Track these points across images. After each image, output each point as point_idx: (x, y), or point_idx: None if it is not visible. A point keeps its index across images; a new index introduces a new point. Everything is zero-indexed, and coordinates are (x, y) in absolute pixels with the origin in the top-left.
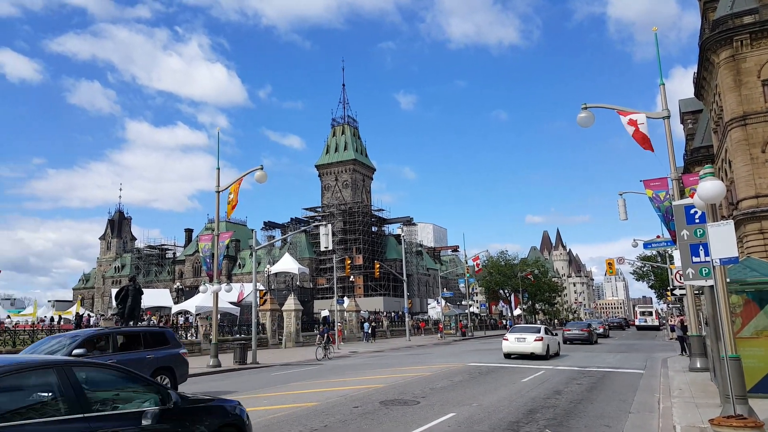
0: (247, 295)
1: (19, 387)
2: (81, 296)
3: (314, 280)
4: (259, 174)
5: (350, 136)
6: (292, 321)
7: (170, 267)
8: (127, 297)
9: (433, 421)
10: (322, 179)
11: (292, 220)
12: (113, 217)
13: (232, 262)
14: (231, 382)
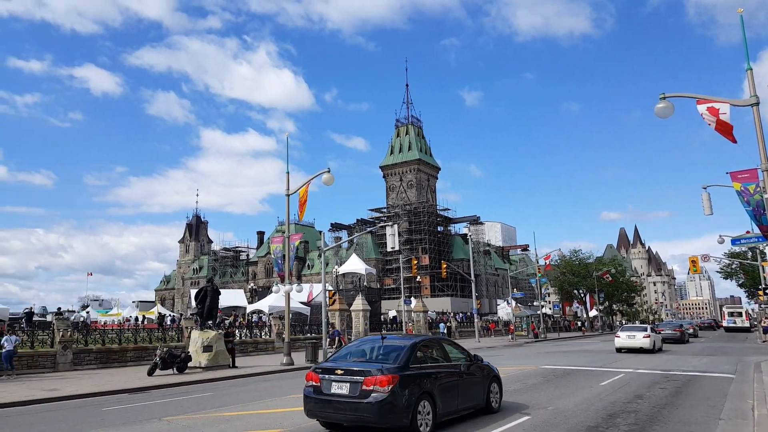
0: (317, 296)
1: (425, 348)
2: (162, 297)
3: (381, 280)
4: (326, 176)
5: (414, 135)
6: (360, 321)
7: (244, 268)
8: (206, 297)
9: (506, 424)
10: (387, 180)
11: (358, 221)
12: (191, 222)
13: (301, 263)
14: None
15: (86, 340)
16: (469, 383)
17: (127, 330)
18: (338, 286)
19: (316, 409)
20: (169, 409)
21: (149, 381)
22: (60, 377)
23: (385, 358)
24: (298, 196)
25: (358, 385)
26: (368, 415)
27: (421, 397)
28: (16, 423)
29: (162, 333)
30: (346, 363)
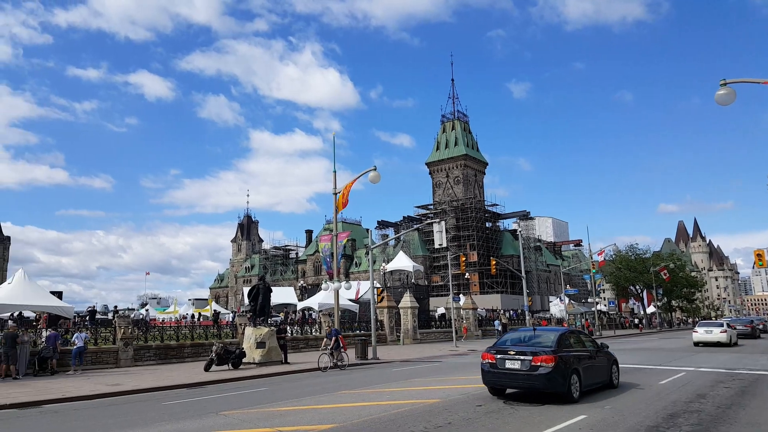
0: (365, 293)
1: (568, 337)
2: (216, 294)
3: (429, 277)
4: (372, 174)
5: (460, 131)
6: (408, 318)
7: (293, 266)
8: (258, 295)
9: (562, 422)
10: (433, 176)
11: (405, 219)
12: (242, 221)
13: (349, 261)
14: (356, 376)
15: (146, 337)
16: (599, 364)
17: (184, 327)
18: (386, 284)
19: (494, 379)
20: (226, 403)
21: (206, 376)
22: (122, 372)
23: (540, 344)
24: (342, 193)
25: (528, 362)
26: (538, 383)
27: (572, 371)
28: (85, 416)
29: (217, 330)
30: (515, 346)
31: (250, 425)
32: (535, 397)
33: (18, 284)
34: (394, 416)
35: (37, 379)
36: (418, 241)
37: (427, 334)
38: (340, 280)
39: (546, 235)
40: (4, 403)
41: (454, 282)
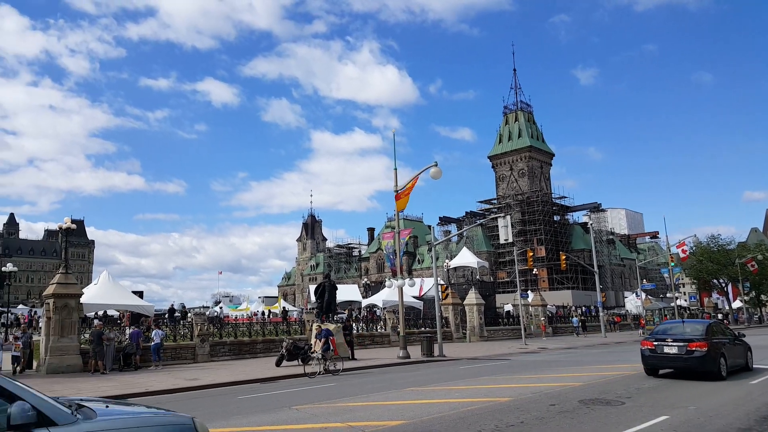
0: (428, 290)
1: (713, 327)
2: (284, 292)
3: (494, 273)
4: (434, 170)
5: (524, 122)
6: (474, 315)
7: (357, 264)
8: (324, 292)
9: (642, 423)
10: (496, 170)
11: (467, 214)
12: (306, 221)
13: (411, 258)
14: (422, 374)
15: (220, 334)
16: (738, 350)
17: (255, 324)
18: (450, 280)
19: (654, 361)
20: (297, 398)
21: (277, 371)
22: (199, 367)
23: (691, 333)
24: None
25: (684, 347)
26: (693, 364)
27: (720, 355)
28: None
29: (286, 326)
30: (670, 335)
31: (321, 420)
32: (613, 398)
33: (103, 285)
34: (464, 414)
35: (123, 374)
36: (481, 236)
37: (494, 332)
38: (404, 277)
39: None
40: (94, 396)
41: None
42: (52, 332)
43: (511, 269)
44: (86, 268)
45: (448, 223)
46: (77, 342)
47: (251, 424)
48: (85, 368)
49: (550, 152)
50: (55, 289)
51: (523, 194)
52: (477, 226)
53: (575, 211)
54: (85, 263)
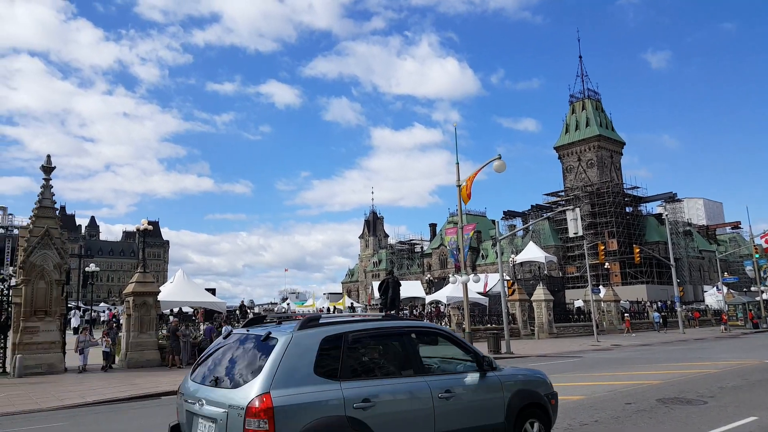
0: (494, 286)
1: None
2: (348, 289)
3: (563, 268)
4: (497, 164)
5: (592, 110)
6: (543, 311)
7: (419, 260)
8: (388, 289)
9: (728, 424)
10: (563, 161)
11: (533, 207)
12: (368, 218)
13: (475, 254)
14: None
15: None
16: None
17: None
18: (516, 276)
19: None
20: None
21: None
22: None
23: None
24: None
25: None
26: None
27: None
28: None
29: None
30: None
31: None
32: (694, 397)
33: (178, 283)
34: None
35: None
36: (548, 230)
37: (564, 328)
38: (468, 273)
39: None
40: (174, 389)
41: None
42: (132, 328)
43: (581, 264)
44: (162, 267)
45: (513, 218)
46: (155, 338)
47: None
48: (163, 362)
49: (621, 141)
50: (134, 288)
51: (592, 185)
52: (544, 219)
53: (649, 201)
54: (161, 262)
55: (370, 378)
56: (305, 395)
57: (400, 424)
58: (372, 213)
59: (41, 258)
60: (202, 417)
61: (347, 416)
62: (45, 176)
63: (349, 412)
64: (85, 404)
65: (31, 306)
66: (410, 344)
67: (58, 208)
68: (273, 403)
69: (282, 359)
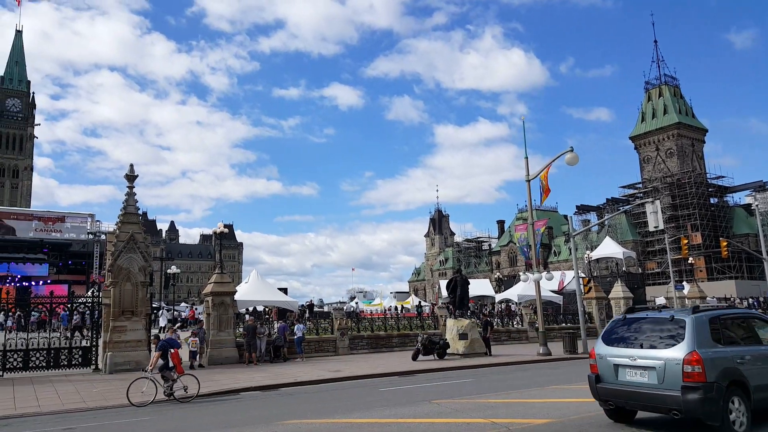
0: (568, 283)
1: None
2: (415, 287)
3: (642, 264)
4: (569, 156)
5: (670, 97)
6: (622, 310)
7: (487, 258)
8: (456, 287)
9: None
10: (639, 151)
11: (609, 201)
12: (433, 216)
13: (546, 250)
14: (565, 371)
15: (358, 328)
16: None
17: (390, 318)
18: (591, 273)
19: None
20: (436, 392)
21: (414, 365)
22: (340, 360)
23: None
24: (539, 181)
25: None
26: None
27: None
28: (315, 399)
29: (420, 321)
30: None
31: (462, 415)
32: None
33: (253, 283)
34: None
35: (273, 365)
36: (626, 224)
37: None
38: (540, 271)
39: None
40: (251, 386)
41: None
42: (212, 327)
43: (662, 259)
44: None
45: (587, 212)
46: (233, 336)
47: (394, 416)
48: (240, 360)
49: (703, 128)
50: (213, 288)
51: (672, 176)
52: (620, 213)
53: (736, 191)
54: (236, 263)
55: (738, 345)
56: (712, 352)
57: (759, 373)
58: (437, 211)
59: (127, 261)
60: (635, 367)
61: (735, 367)
62: (129, 184)
63: (735, 364)
64: (169, 399)
65: (119, 306)
66: (752, 325)
67: (141, 214)
68: (701, 356)
69: (694, 331)
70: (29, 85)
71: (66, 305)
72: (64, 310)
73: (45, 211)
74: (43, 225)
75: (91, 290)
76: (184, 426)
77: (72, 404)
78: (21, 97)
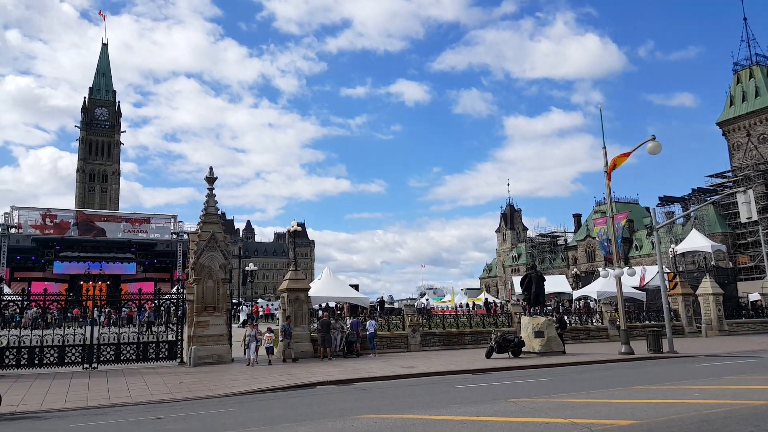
0: (651, 279)
1: None
2: (486, 284)
3: (733, 258)
4: (651, 145)
5: (762, 78)
6: (711, 306)
7: (563, 253)
8: (531, 284)
9: None
10: (728, 137)
11: (694, 191)
12: (505, 211)
13: (627, 245)
14: (649, 371)
15: (429, 324)
16: None
17: (462, 315)
18: (677, 268)
19: None
20: (512, 391)
21: (488, 363)
22: (412, 356)
23: None
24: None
25: None
26: None
27: None
28: (389, 394)
29: (493, 318)
30: None
31: (541, 414)
32: None
33: (326, 279)
34: (707, 417)
35: (346, 360)
36: (714, 216)
37: (737, 325)
38: (621, 266)
39: None
40: (326, 380)
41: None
42: (288, 322)
43: (756, 252)
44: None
45: (670, 203)
46: (308, 331)
47: (470, 414)
48: (315, 354)
49: None
50: (288, 285)
51: (765, 163)
52: (708, 204)
53: None
54: (308, 261)
55: None
56: None
57: None
58: (509, 205)
59: (209, 259)
60: None
61: None
62: (208, 186)
63: None
64: (249, 392)
65: (201, 302)
66: None
67: (220, 214)
68: None
69: None
70: (115, 95)
71: (153, 301)
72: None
73: (132, 213)
74: (131, 226)
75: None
76: (266, 417)
77: (160, 395)
78: (108, 107)
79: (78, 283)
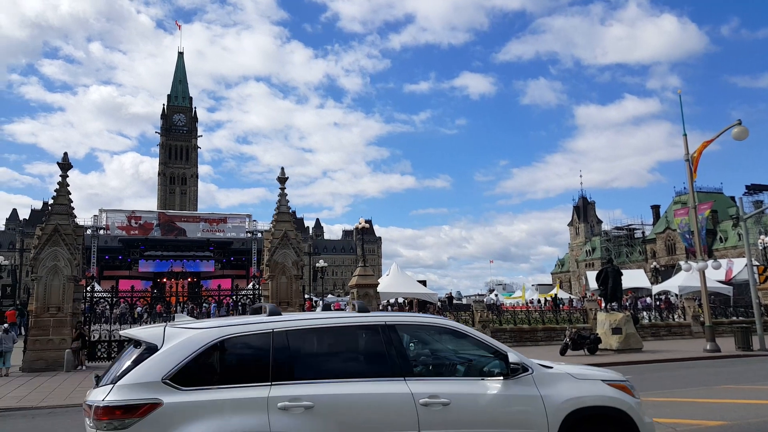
0: (739, 273)
1: None
2: (559, 279)
3: None
4: (737, 130)
5: None
6: None
7: (640, 246)
8: (608, 279)
9: None
10: None
11: None
12: (577, 204)
13: (710, 237)
14: (739, 370)
15: (500, 321)
16: None
17: (534, 311)
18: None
19: None
20: None
21: (563, 360)
22: None
23: None
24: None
25: None
26: None
27: None
28: None
29: (567, 315)
30: None
31: None
32: None
33: (394, 275)
34: None
35: None
36: None
37: None
38: (704, 259)
39: None
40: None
41: None
42: None
43: None
44: (377, 261)
45: (759, 192)
46: None
47: None
48: None
49: None
50: (357, 281)
51: None
52: None
53: None
54: (376, 257)
55: None
56: None
57: None
58: (581, 198)
59: (282, 256)
60: None
61: None
62: (280, 186)
63: None
64: None
65: (276, 298)
66: None
67: (291, 212)
68: None
69: None
70: (191, 101)
71: (231, 297)
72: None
73: (209, 213)
74: (209, 226)
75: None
76: None
77: None
78: (185, 113)
79: (161, 281)
